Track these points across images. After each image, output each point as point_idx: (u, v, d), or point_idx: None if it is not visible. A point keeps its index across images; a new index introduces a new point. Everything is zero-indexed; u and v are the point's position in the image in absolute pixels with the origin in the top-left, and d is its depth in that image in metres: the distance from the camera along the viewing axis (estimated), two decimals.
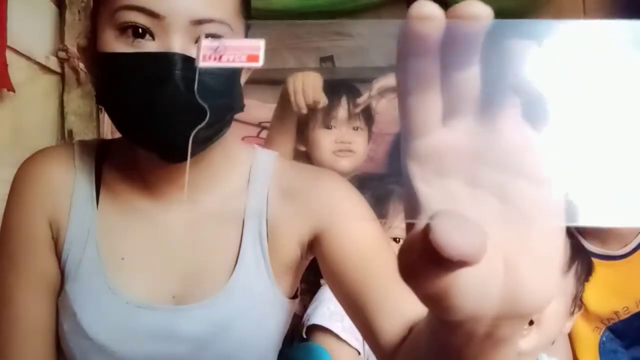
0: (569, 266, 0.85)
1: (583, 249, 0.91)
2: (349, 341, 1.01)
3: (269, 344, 0.73)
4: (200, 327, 0.67)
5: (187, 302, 0.68)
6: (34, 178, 0.71)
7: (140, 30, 0.59)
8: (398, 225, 1.06)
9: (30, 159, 0.73)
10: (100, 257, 0.69)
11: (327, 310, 1.02)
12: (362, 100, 1.46)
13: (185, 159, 0.60)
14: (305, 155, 1.43)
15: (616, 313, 1.15)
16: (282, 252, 0.71)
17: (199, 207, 0.71)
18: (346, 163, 1.39)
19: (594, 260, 1.16)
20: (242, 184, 0.72)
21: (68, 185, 0.71)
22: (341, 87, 1.49)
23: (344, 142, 1.40)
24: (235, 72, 0.65)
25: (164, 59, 0.59)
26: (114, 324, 0.66)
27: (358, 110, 1.51)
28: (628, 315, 1.14)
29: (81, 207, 0.70)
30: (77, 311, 0.67)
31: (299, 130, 1.46)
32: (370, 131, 1.50)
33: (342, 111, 1.42)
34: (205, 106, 0.54)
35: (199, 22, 0.60)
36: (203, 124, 0.53)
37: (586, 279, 0.91)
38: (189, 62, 0.59)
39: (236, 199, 0.72)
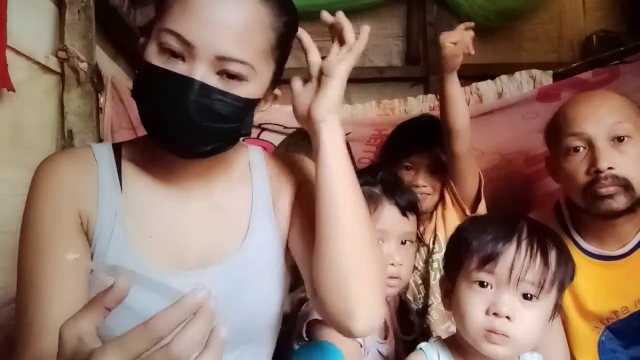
0: (553, 282, 0.86)
1: (569, 258, 0.91)
2: None
3: (276, 311, 0.84)
4: (222, 286, 0.75)
5: (208, 267, 0.78)
6: (60, 173, 0.76)
7: (175, 52, 0.69)
8: None
9: (52, 158, 0.80)
10: (128, 237, 0.75)
11: None
12: None
13: (197, 158, 0.76)
14: None
15: (615, 313, 1.15)
16: (283, 224, 0.84)
17: (213, 190, 0.82)
18: (392, 291, 1.13)
19: (594, 260, 1.17)
20: (246, 171, 0.86)
21: (93, 176, 0.78)
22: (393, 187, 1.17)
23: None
24: (248, 103, 0.74)
25: (184, 82, 0.69)
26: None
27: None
28: (627, 315, 1.14)
29: (107, 193, 0.77)
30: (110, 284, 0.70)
31: None
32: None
33: None
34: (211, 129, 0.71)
35: (223, 59, 0.69)
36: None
37: (568, 284, 0.91)
38: (205, 89, 0.69)
39: (243, 182, 0.85)
